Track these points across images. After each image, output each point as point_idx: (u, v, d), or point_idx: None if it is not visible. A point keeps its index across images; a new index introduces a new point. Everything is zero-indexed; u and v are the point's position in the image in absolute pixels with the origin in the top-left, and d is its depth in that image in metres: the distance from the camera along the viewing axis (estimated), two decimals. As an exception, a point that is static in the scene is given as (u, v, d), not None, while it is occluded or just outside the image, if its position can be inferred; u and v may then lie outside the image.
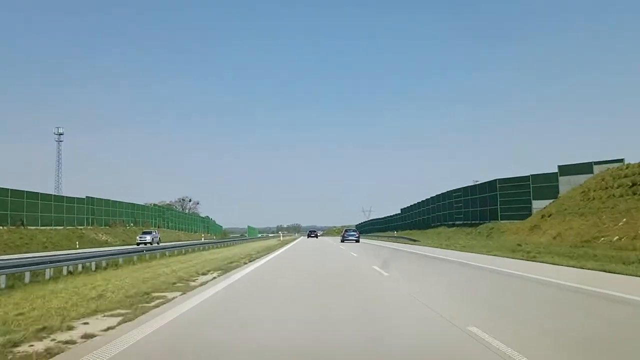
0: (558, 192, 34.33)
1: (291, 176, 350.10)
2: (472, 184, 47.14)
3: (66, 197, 48.87)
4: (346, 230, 52.72)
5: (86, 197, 53.04)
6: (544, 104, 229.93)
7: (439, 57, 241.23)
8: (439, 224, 54.72)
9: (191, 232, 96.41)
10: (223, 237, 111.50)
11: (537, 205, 35.53)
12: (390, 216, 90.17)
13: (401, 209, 79.54)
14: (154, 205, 78.16)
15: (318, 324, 6.13)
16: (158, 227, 79.40)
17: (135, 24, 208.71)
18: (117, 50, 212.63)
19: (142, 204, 76.63)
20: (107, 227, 57.96)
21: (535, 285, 10.26)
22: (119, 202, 62.84)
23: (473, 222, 43.68)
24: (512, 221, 36.54)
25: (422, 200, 64.43)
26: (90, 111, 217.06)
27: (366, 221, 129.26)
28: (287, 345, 5.00)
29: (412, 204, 71.76)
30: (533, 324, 6.02)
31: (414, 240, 42.89)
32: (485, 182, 41.76)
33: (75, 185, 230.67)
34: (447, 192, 52.41)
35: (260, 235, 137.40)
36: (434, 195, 58.84)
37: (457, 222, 48.02)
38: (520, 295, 8.92)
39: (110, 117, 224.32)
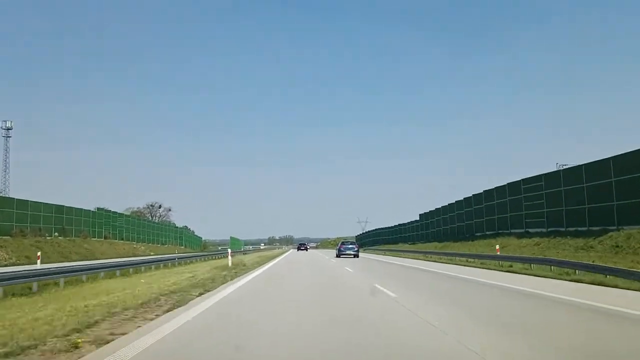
0: None
1: (284, 187, 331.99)
2: (560, 168, 29.67)
3: None
4: (342, 243, 45.15)
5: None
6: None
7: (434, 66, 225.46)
8: (493, 232, 37.06)
9: (158, 244, 78.42)
10: (202, 250, 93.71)
11: None
12: (402, 224, 72.21)
13: (420, 215, 61.91)
14: (99, 209, 59.65)
15: None
16: (105, 238, 61.47)
17: (121, 27, 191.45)
18: (107, 51, 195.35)
19: (91, 209, 58.53)
20: (9, 237, 40.17)
21: None
22: (35, 202, 44.81)
23: (572, 228, 26.12)
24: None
25: (457, 201, 46.85)
26: (69, 118, 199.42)
27: (368, 231, 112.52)
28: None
29: (437, 207, 54.24)
30: None
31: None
32: (607, 159, 23.96)
33: (47, 192, 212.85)
34: (510, 183, 34.80)
35: (245, 247, 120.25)
36: (477, 192, 41.40)
37: (533, 229, 30.50)
38: None
39: (89, 123, 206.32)
